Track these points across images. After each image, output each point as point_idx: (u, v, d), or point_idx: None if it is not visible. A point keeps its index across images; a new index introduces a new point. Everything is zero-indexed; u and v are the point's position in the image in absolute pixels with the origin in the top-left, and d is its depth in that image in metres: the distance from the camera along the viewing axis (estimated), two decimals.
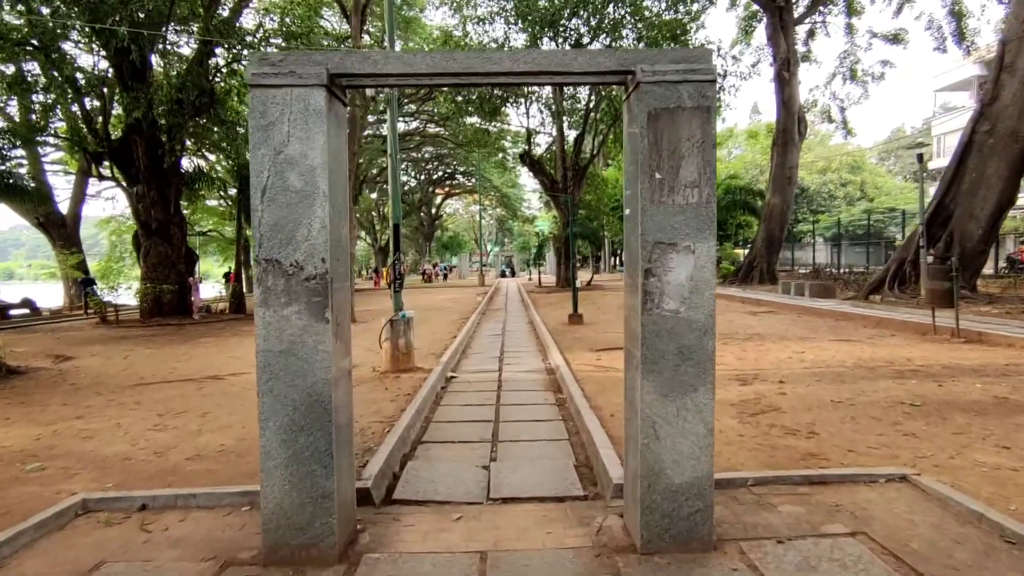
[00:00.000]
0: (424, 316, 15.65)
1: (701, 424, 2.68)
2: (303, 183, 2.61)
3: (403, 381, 6.95)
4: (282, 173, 2.60)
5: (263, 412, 2.64)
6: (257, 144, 2.60)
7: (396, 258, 7.47)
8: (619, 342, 9.82)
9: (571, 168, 25.32)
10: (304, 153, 2.60)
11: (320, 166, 2.61)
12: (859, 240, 35.11)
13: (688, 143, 2.63)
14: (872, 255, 37.46)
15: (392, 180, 7.39)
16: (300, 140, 2.60)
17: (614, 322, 12.50)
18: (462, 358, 8.94)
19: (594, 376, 6.83)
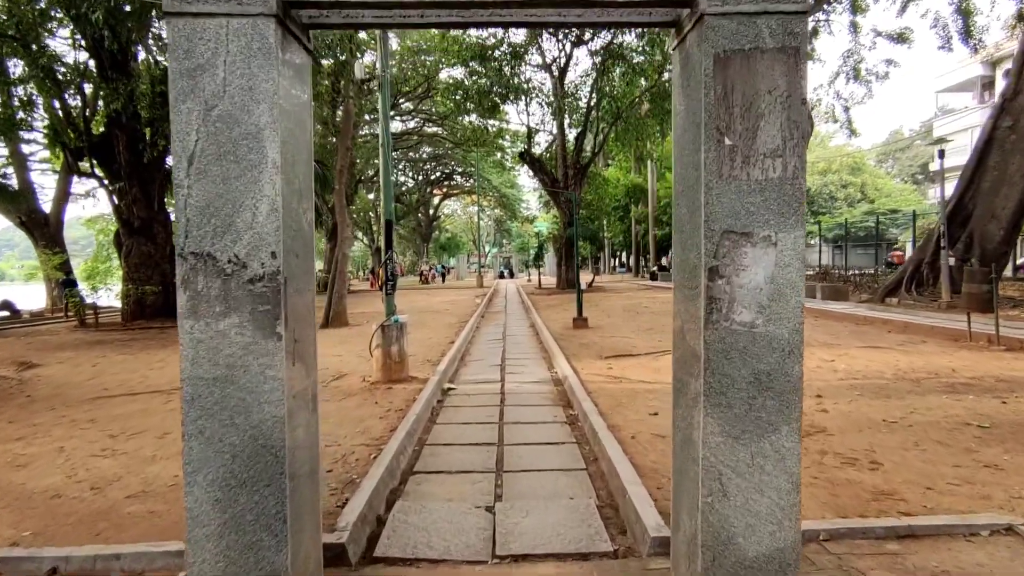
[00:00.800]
0: (421, 319, 14.95)
1: (784, 476, 1.99)
2: (246, 149, 1.91)
3: (395, 393, 6.25)
4: (216, 136, 1.90)
5: (189, 462, 1.94)
6: (181, 96, 1.90)
7: (388, 257, 6.78)
8: (630, 348, 9.11)
9: (572, 166, 24.67)
10: (247, 108, 1.91)
11: (268, 127, 1.91)
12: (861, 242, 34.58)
13: (769, 97, 1.94)
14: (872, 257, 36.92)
15: (384, 173, 6.70)
16: (242, 91, 1.90)
17: (621, 326, 11.82)
18: (460, 366, 8.24)
19: (607, 388, 6.14)
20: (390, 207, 6.74)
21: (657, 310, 15.06)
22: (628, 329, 11.35)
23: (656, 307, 15.89)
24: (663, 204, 34.01)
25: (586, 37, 24.75)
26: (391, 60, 33.79)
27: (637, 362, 7.71)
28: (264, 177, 1.92)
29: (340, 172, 14.01)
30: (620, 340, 9.85)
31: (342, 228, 14.04)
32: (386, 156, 6.58)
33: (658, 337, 9.99)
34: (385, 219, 6.72)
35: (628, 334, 10.63)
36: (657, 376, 6.71)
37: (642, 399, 5.65)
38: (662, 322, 12.15)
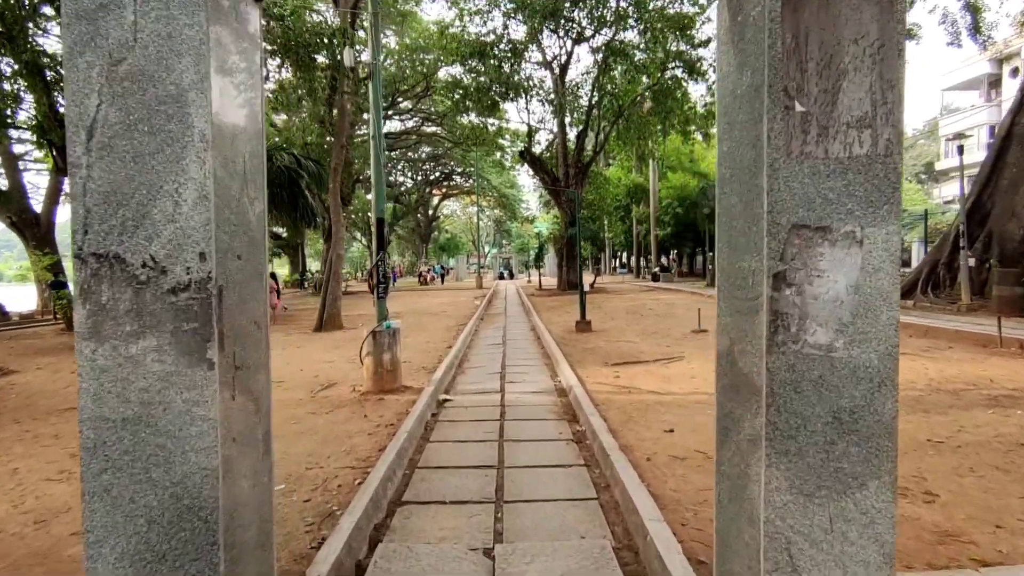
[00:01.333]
0: (418, 322, 14.50)
1: (874, 546, 1.53)
2: (164, 117, 1.45)
3: (387, 405, 5.78)
4: (125, 99, 1.44)
5: (92, 529, 1.48)
6: (77, 46, 1.43)
7: (380, 258, 6.32)
8: (637, 354, 8.63)
9: (573, 165, 24.22)
10: (165, 63, 1.44)
11: (195, 88, 1.45)
12: None
13: (855, 48, 1.48)
14: None
15: (375, 167, 6.24)
16: (158, 40, 1.44)
17: (625, 330, 11.35)
18: (458, 373, 7.77)
19: (616, 400, 5.68)
20: (382, 204, 6.27)
21: (661, 312, 14.60)
22: (633, 333, 10.88)
23: (660, 309, 15.42)
24: (664, 204, 33.57)
25: (587, 34, 24.30)
26: (389, 59, 33.37)
27: (646, 370, 7.24)
28: (189, 154, 1.45)
29: (335, 170, 13.55)
30: (626, 345, 9.39)
31: (336, 228, 13.58)
32: (377, 150, 6.12)
33: (665, 342, 9.52)
34: (377, 217, 6.26)
35: (633, 338, 10.16)
36: (668, 386, 6.25)
37: (654, 413, 5.19)
38: (667, 325, 11.69)
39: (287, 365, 8.58)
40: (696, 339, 9.72)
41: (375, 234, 6.31)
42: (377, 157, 6.17)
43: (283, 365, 8.53)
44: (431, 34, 29.18)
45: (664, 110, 23.62)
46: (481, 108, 22.37)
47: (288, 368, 8.27)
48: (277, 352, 10.09)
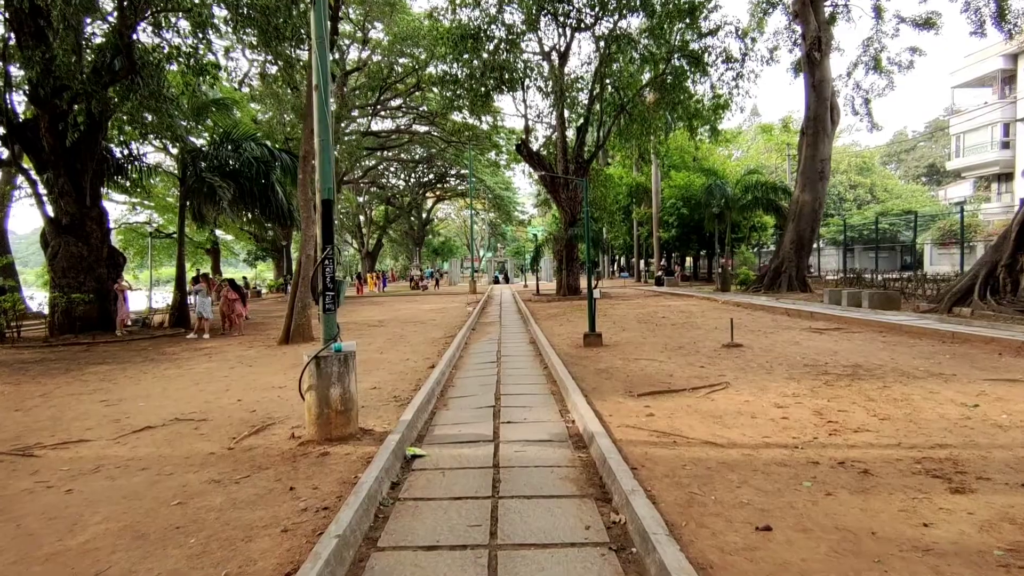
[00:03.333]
0: (401, 333, 12.72)
1: None
2: None
3: (329, 467, 4.01)
4: None
5: None
6: None
7: (326, 254, 4.56)
8: (666, 378, 6.79)
9: (573, 161, 22.54)
10: None
11: None
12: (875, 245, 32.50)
13: None
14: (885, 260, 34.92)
15: (320, 127, 4.49)
16: None
17: (642, 343, 9.61)
18: (439, 407, 5.99)
19: (659, 458, 3.93)
20: (329, 181, 4.51)
21: (678, 321, 12.87)
22: (653, 347, 9.14)
23: (675, 318, 13.70)
24: (668, 205, 31.94)
25: (588, 21, 22.66)
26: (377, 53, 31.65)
27: (685, 403, 5.50)
28: None
29: (304, 160, 11.78)
30: (649, 364, 7.64)
31: (307, 226, 11.79)
32: (322, 102, 4.36)
33: (696, 361, 7.78)
34: (322, 199, 4.50)
35: (655, 355, 8.42)
36: (725, 431, 4.50)
37: (724, 485, 3.44)
38: (691, 338, 9.96)
39: (226, 392, 6.78)
40: (733, 357, 7.98)
41: (320, 222, 4.55)
42: (322, 114, 4.41)
43: (220, 393, 6.73)
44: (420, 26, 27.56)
45: (671, 102, 22.00)
46: (474, 98, 20.66)
47: (224, 397, 6.48)
48: (223, 373, 8.28)
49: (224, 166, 15.87)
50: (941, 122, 64.71)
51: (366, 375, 7.70)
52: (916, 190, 50.10)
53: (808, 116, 20.25)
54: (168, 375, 8.23)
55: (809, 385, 5.99)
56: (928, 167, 64.00)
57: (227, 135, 16.41)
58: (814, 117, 20.01)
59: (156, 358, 10.06)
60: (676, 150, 36.62)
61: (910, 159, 66.52)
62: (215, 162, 16.01)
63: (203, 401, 6.36)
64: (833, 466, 3.64)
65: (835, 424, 4.55)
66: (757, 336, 9.87)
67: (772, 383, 6.17)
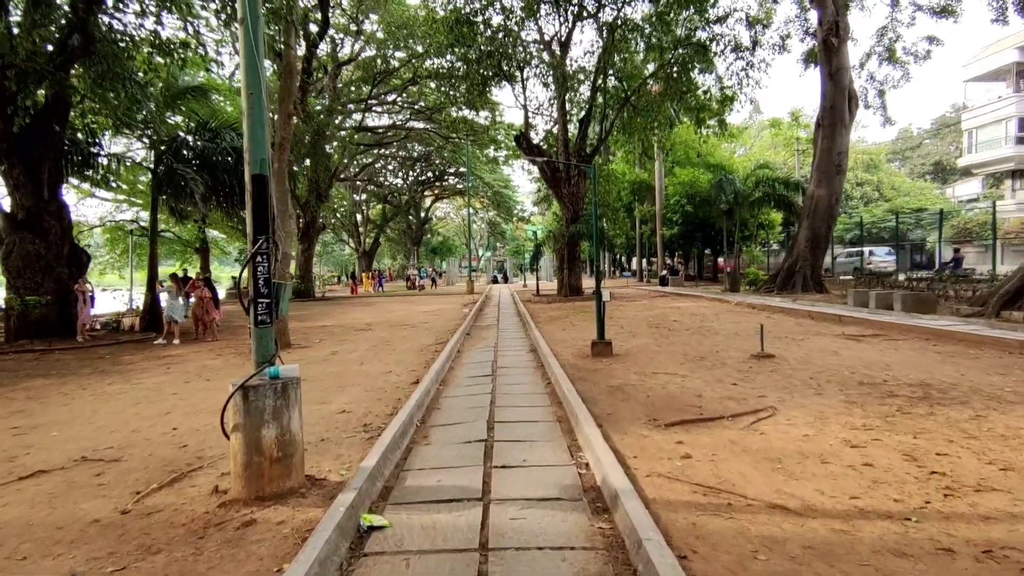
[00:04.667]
0: (388, 338, 11.57)
1: None
2: None
3: (249, 550, 2.83)
4: None
5: None
6: None
7: (259, 248, 3.41)
8: (693, 399, 5.40)
9: (575, 154, 21.38)
10: None
11: None
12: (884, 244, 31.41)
13: None
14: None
15: (247, 72, 3.32)
16: None
17: (657, 353, 8.45)
18: (416, 441, 4.83)
19: (717, 533, 2.77)
20: (262, 148, 3.37)
21: (691, 326, 11.72)
22: (670, 358, 7.99)
23: (688, 321, 12.55)
24: (672, 202, 30.77)
25: (591, 8, 21.49)
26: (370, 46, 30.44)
27: (727, 437, 4.35)
28: None
29: (279, 148, 10.63)
30: (670, 381, 6.48)
31: (282, 221, 10.64)
32: (251, 41, 3.20)
33: (725, 376, 6.62)
34: (252, 173, 3.35)
35: (675, 367, 7.27)
36: (793, 484, 3.34)
37: None
38: (712, 346, 8.81)
39: (164, 417, 5.61)
40: (767, 371, 6.83)
41: (250, 204, 3.39)
42: (251, 59, 3.25)
43: (157, 418, 5.56)
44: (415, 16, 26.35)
45: (677, 92, 20.84)
46: (470, 87, 19.49)
47: (159, 424, 5.31)
48: (173, 389, 7.06)
49: (200, 157, 14.71)
50: (948, 119, 63.54)
51: (337, 393, 6.55)
52: (925, 187, 48.98)
53: (824, 106, 19.09)
54: (109, 392, 7.07)
55: (878, 412, 4.84)
56: (934, 165, 62.83)
57: (204, 124, 15.24)
58: (831, 107, 18.84)
59: (107, 369, 8.89)
60: (680, 145, 35.44)
61: (915, 156, 65.34)
62: (191, 153, 14.85)
63: (130, 431, 5.20)
64: (979, 558, 2.49)
65: (943, 477, 3.39)
66: (787, 344, 8.72)
67: (829, 408, 5.02)
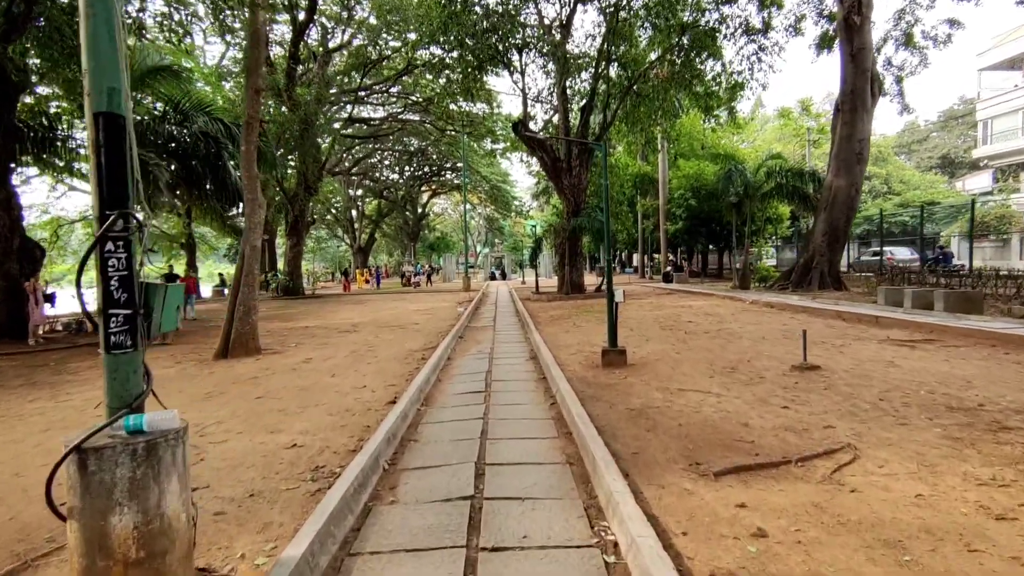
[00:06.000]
0: (371, 343, 10.34)
1: None
2: None
3: None
4: None
5: None
6: None
7: (109, 229, 2.14)
8: (740, 428, 3.85)
9: (576, 144, 20.10)
10: None
11: None
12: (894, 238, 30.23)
13: None
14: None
15: None
16: None
17: (680, 361, 7.23)
18: (380, 491, 3.61)
19: None
20: (112, 71, 2.11)
21: (709, 328, 10.50)
22: (695, 368, 6.77)
23: (704, 323, 11.33)
24: (676, 195, 29.49)
25: None
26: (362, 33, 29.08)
27: (804, 496, 3.13)
28: None
29: (247, 127, 9.37)
30: (703, 401, 5.27)
31: (251, 210, 9.40)
32: None
33: (767, 392, 5.40)
34: (94, 111, 2.09)
35: (704, 381, 6.06)
36: None
37: None
38: (737, 352, 7.59)
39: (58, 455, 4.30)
40: (819, 388, 5.62)
41: (93, 161, 2.14)
42: None
43: (53, 456, 4.20)
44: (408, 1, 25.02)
45: (685, 77, 19.56)
46: (465, 71, 18.19)
47: (49, 466, 3.99)
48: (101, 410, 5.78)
49: (171, 142, 13.47)
50: (955, 111, 62.33)
51: (296, 416, 5.32)
52: (935, 180, 47.73)
53: (844, 90, 17.83)
54: (21, 413, 5.83)
55: (1001, 456, 3.61)
56: (941, 158, 61.61)
57: (175, 105, 13.97)
58: (851, 91, 17.59)
59: (42, 381, 7.65)
60: (685, 137, 34.16)
61: (922, 150, 64.15)
62: (160, 138, 13.59)
63: (12, 473, 3.97)
64: None
65: None
66: (827, 351, 7.51)
67: (928, 448, 3.80)
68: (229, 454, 4.28)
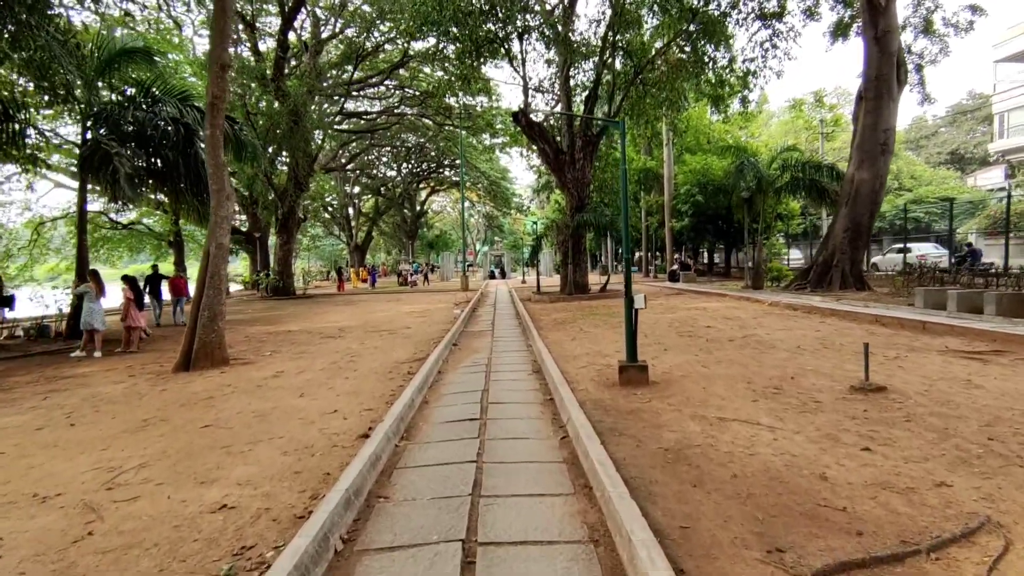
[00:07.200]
0: (359, 349, 9.22)
1: None
2: None
3: None
4: None
5: None
6: None
7: None
8: (819, 485, 2.94)
9: (580, 135, 18.97)
10: None
11: None
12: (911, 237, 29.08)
13: None
14: None
15: None
16: None
17: (712, 379, 6.10)
18: None
19: None
20: None
21: (733, 334, 9.37)
22: (731, 389, 5.65)
23: (724, 328, 10.21)
24: (683, 191, 28.34)
25: None
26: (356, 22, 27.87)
27: None
28: None
29: (211, 108, 8.24)
30: (754, 436, 4.15)
31: (216, 202, 8.27)
32: None
33: (832, 424, 4.28)
34: None
35: (747, 408, 4.95)
36: None
37: None
38: (776, 366, 6.46)
39: None
40: (896, 416, 4.50)
41: None
42: None
43: None
44: None
45: (694, 64, 18.42)
46: (462, 54, 17.03)
47: None
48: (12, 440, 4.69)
49: (141, 130, 12.32)
50: (964, 106, 61.08)
51: (240, 457, 4.20)
52: (947, 176, 46.52)
53: (868, 76, 16.68)
54: None
55: None
56: (951, 153, 60.39)
57: (146, 90, 12.82)
58: (876, 77, 16.44)
59: None
60: (691, 131, 33.02)
61: (930, 145, 62.91)
62: (129, 127, 12.46)
63: None
64: None
65: None
66: (884, 365, 6.39)
67: None
68: (130, 523, 3.17)
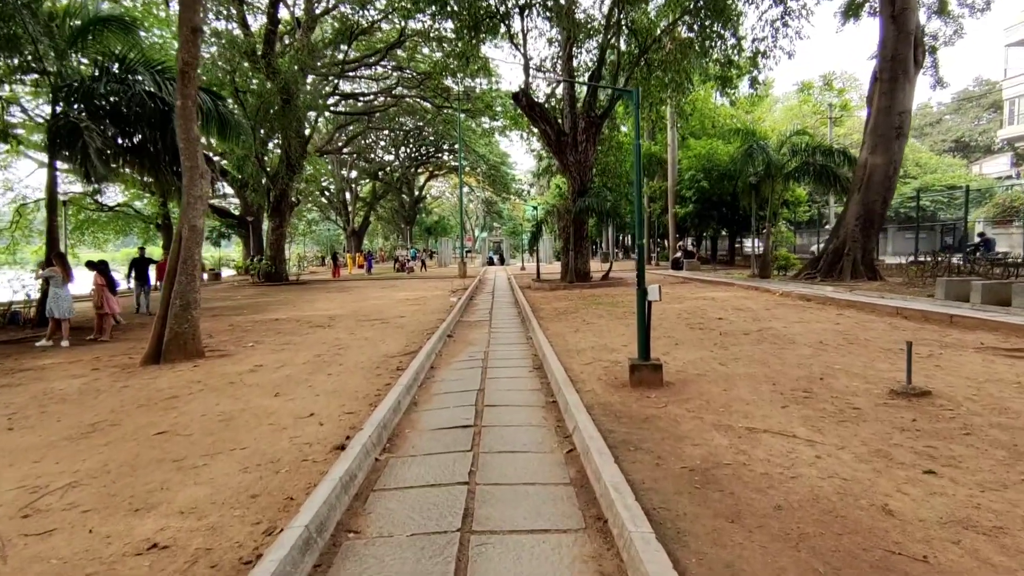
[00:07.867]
0: (347, 340, 8.58)
1: None
2: None
3: None
4: None
5: None
6: None
7: None
8: (891, 525, 2.68)
9: (583, 116, 18.20)
10: None
11: None
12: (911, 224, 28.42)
13: None
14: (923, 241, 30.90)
15: None
16: None
17: (732, 380, 5.50)
18: None
19: None
20: None
21: (746, 327, 8.76)
22: (754, 391, 5.05)
23: (736, 320, 9.60)
24: (687, 176, 27.59)
25: None
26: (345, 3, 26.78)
27: None
28: None
29: (182, 76, 7.51)
30: (791, 451, 3.54)
31: (189, 180, 7.57)
32: None
33: (878, 436, 3.67)
34: None
35: (777, 415, 4.35)
36: None
37: None
38: (798, 364, 5.85)
39: None
40: (950, 428, 3.90)
41: None
42: None
43: None
44: None
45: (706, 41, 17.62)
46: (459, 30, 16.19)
47: None
48: None
49: (116, 105, 11.56)
50: (971, 92, 60.08)
51: (193, 473, 3.57)
52: (953, 163, 45.73)
53: (884, 56, 15.90)
54: None
55: None
56: (955, 141, 59.52)
57: (122, 61, 12.01)
58: (892, 57, 15.66)
59: None
60: (696, 115, 32.16)
61: (935, 132, 62.00)
62: (103, 101, 11.69)
63: None
64: None
65: None
66: (921, 365, 5.79)
67: None
68: (35, 567, 2.55)
